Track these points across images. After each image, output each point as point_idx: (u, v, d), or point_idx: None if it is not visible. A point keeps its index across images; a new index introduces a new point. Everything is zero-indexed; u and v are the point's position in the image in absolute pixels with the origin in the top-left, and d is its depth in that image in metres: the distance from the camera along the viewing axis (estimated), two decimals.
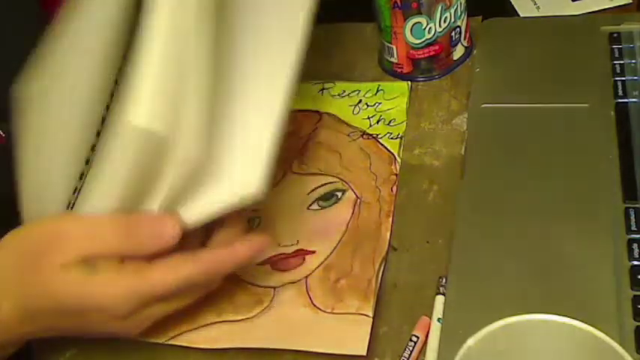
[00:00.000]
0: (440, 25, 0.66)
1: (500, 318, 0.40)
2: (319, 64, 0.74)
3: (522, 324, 0.40)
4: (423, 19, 0.65)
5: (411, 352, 0.50)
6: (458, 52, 0.69)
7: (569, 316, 0.40)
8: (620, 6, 0.72)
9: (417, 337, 0.51)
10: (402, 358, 0.50)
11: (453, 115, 0.66)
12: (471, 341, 0.40)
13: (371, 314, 0.52)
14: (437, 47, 0.68)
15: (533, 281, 0.51)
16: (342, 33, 0.77)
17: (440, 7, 0.65)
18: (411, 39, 0.67)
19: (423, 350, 0.50)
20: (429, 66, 0.69)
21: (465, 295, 0.51)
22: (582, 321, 0.40)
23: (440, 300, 0.52)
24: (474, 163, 0.60)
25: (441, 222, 0.58)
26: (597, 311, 0.48)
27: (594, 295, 0.49)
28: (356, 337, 0.51)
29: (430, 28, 0.66)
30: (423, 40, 0.67)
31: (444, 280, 0.53)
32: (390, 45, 0.69)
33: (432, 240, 0.57)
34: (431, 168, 0.62)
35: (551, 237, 0.53)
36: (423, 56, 0.68)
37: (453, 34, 0.68)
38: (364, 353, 0.50)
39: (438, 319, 0.51)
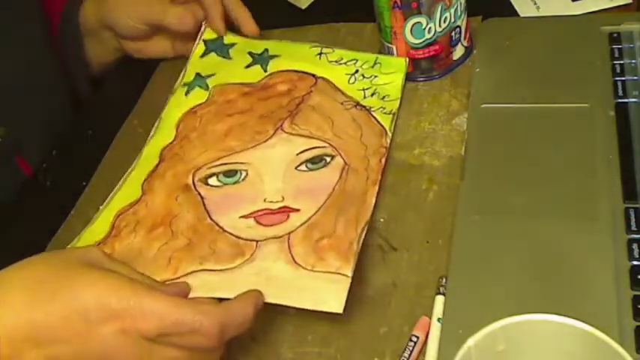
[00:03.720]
0: (440, 25, 0.66)
1: (500, 318, 0.41)
2: None
3: (522, 324, 0.40)
4: (422, 19, 0.65)
5: (411, 352, 0.50)
6: (458, 52, 0.69)
7: (569, 316, 0.40)
8: (620, 6, 0.72)
9: (417, 337, 0.51)
10: (402, 358, 0.50)
11: (453, 115, 0.66)
12: (470, 341, 0.40)
13: (350, 274, 0.52)
14: (437, 47, 0.68)
15: (533, 281, 0.51)
16: (342, 33, 0.78)
17: (440, 7, 0.65)
18: (411, 39, 0.67)
19: (423, 350, 0.50)
20: (429, 66, 0.69)
21: (465, 295, 0.51)
22: (582, 321, 0.40)
23: (440, 300, 0.52)
24: (473, 163, 0.60)
25: (441, 222, 0.58)
26: (597, 311, 0.48)
27: (594, 295, 0.49)
28: (334, 295, 0.51)
29: (430, 28, 0.66)
30: (423, 40, 0.67)
31: (444, 280, 0.53)
32: (390, 45, 0.69)
33: (432, 240, 0.57)
34: (431, 168, 0.62)
35: (552, 237, 0.53)
36: (423, 56, 0.68)
37: (453, 34, 0.68)
38: (341, 311, 0.50)
39: (438, 319, 0.51)
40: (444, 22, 0.66)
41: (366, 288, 0.55)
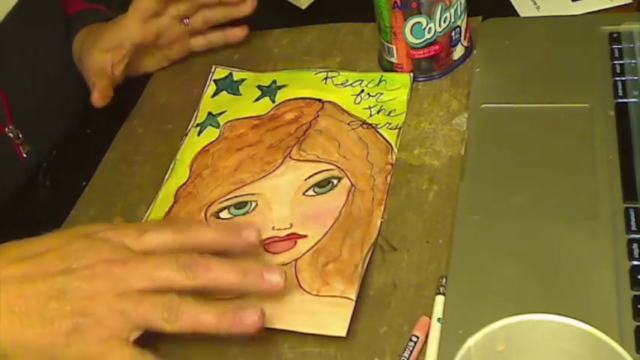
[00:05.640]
0: (440, 25, 0.66)
1: (500, 318, 0.41)
2: (319, 64, 0.75)
3: (522, 324, 0.41)
4: (422, 19, 0.65)
5: (411, 352, 0.50)
6: (458, 52, 0.69)
7: (569, 316, 0.40)
8: (620, 6, 0.72)
9: (417, 337, 0.51)
10: (402, 358, 0.50)
11: (453, 115, 0.66)
12: (470, 341, 0.40)
13: (354, 297, 0.52)
14: (437, 47, 0.68)
15: (533, 281, 0.51)
16: (342, 33, 0.78)
17: (440, 7, 0.65)
18: (411, 39, 0.67)
19: (423, 350, 0.50)
20: (429, 66, 0.69)
21: (465, 295, 0.51)
22: (582, 321, 0.40)
23: (440, 300, 0.52)
24: (473, 163, 0.60)
25: (441, 222, 0.58)
26: (597, 311, 0.48)
27: (594, 295, 0.49)
28: (337, 318, 0.51)
29: (430, 28, 0.66)
30: (423, 40, 0.67)
31: (444, 280, 0.53)
32: (390, 45, 0.69)
33: (432, 240, 0.57)
34: (431, 168, 0.62)
35: (551, 237, 0.53)
36: (423, 56, 0.68)
37: (453, 34, 0.68)
38: (344, 334, 0.50)
39: (438, 319, 0.51)
40: (444, 22, 0.66)
41: (366, 288, 0.55)
